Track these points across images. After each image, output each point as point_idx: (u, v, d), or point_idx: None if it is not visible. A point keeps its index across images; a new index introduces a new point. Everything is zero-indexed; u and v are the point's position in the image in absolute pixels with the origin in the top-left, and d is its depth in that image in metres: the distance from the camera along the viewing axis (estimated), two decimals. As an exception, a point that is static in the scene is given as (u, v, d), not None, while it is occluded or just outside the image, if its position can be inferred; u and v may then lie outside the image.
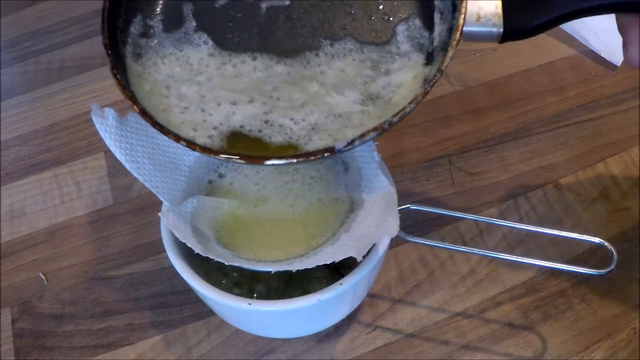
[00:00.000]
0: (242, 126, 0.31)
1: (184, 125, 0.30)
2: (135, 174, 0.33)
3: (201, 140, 0.30)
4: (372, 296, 0.43)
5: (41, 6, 0.74)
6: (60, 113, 0.60)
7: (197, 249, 0.32)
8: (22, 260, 0.49)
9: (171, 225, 0.33)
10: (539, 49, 0.60)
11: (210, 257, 0.32)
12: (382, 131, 0.28)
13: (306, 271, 0.39)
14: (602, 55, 0.58)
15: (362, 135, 0.28)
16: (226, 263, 0.33)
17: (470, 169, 0.51)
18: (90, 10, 0.71)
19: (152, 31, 0.33)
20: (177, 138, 0.29)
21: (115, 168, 0.54)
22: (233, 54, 0.33)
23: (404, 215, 0.34)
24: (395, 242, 0.46)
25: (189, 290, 0.40)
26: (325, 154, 0.28)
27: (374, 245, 0.34)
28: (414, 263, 0.45)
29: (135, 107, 0.29)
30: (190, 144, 0.29)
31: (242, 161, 0.28)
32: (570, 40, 0.61)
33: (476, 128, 0.54)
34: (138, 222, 0.50)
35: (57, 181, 0.54)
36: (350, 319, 0.42)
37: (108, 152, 0.56)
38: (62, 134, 0.58)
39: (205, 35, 0.33)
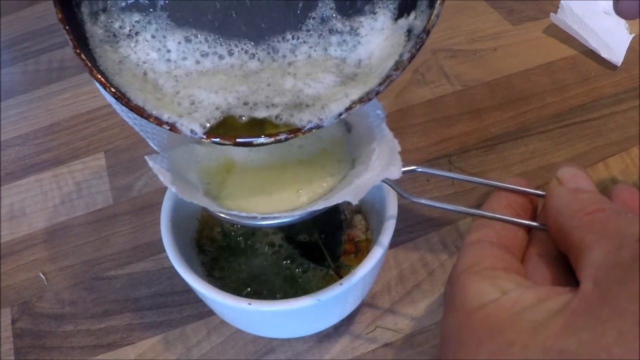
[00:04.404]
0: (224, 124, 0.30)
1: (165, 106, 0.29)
2: (124, 117, 0.31)
3: (184, 129, 0.29)
4: (372, 296, 0.43)
5: (41, 6, 0.74)
6: (60, 113, 0.60)
7: (182, 195, 0.30)
8: (22, 260, 0.49)
9: (157, 169, 0.31)
10: (539, 49, 0.60)
11: (195, 202, 0.31)
12: (368, 101, 0.29)
13: (306, 271, 0.40)
14: (602, 55, 0.58)
15: (348, 108, 0.29)
16: (211, 210, 0.32)
17: (470, 169, 0.51)
18: (90, 10, 0.70)
19: None
20: (160, 122, 0.28)
21: (115, 168, 0.54)
22: (219, 41, 0.31)
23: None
24: (395, 242, 0.46)
25: (189, 290, 0.40)
26: (313, 130, 0.29)
27: (374, 245, 0.34)
28: (414, 263, 0.45)
29: (109, 90, 0.28)
30: (174, 129, 0.28)
31: (230, 143, 0.28)
32: (570, 40, 0.61)
33: (476, 128, 0.54)
34: (138, 222, 0.50)
35: (57, 181, 0.54)
36: (350, 319, 0.42)
37: (108, 152, 0.56)
38: (62, 134, 0.58)
39: None
